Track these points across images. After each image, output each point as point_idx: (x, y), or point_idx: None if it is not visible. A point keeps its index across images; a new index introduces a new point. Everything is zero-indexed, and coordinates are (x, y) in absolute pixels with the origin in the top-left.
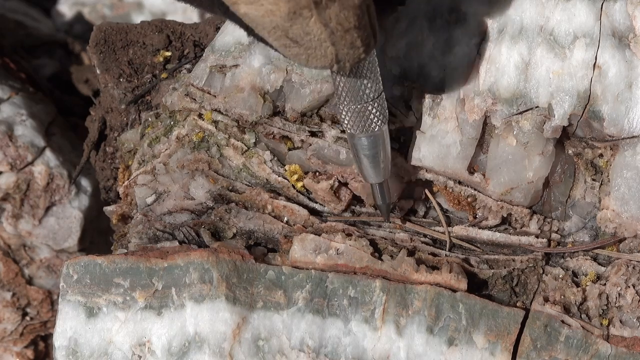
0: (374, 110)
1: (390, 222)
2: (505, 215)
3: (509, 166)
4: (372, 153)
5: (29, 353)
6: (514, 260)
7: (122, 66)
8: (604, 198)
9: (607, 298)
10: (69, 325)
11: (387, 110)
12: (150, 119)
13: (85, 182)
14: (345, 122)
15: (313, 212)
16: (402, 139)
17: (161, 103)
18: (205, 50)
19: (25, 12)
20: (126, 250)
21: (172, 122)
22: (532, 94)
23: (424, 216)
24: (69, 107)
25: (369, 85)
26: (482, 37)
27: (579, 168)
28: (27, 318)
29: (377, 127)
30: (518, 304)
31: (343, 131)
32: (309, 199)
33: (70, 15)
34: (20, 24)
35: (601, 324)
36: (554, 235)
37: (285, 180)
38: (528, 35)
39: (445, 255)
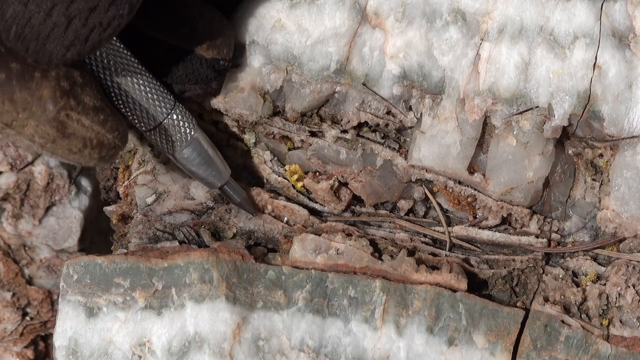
0: (177, 121)
1: (255, 215)
2: (505, 215)
3: (509, 166)
4: (200, 160)
5: (29, 353)
6: (514, 260)
7: None
8: (604, 198)
9: (607, 298)
10: (69, 325)
11: (191, 116)
12: None
13: (85, 182)
14: (161, 145)
15: (313, 212)
16: (402, 139)
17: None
18: None
19: None
20: (126, 250)
21: None
22: (532, 94)
23: (424, 216)
24: None
25: (159, 101)
26: (482, 37)
27: (579, 168)
28: (27, 318)
29: (189, 134)
30: (518, 304)
31: (343, 131)
32: (309, 199)
33: None
34: None
35: (601, 324)
36: (554, 235)
37: (285, 180)
38: (528, 35)
39: (445, 255)
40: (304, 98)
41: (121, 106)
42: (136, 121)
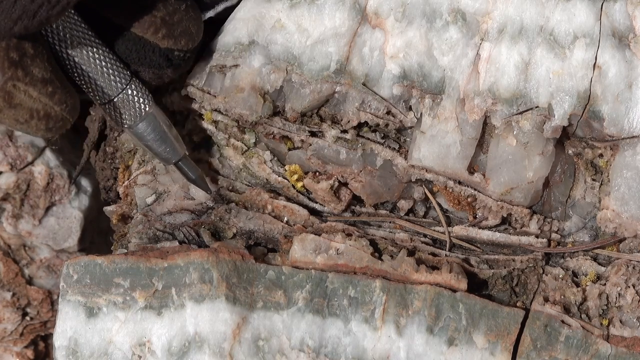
0: (132, 96)
1: (211, 193)
2: (505, 215)
3: (509, 166)
4: (155, 136)
5: (29, 353)
6: (514, 260)
7: None
8: (604, 198)
9: (607, 298)
10: (69, 325)
11: (147, 91)
12: None
13: (85, 182)
14: (116, 118)
15: (313, 212)
16: (402, 139)
17: (161, 103)
18: (205, 50)
19: None
20: (126, 250)
21: (171, 122)
22: (532, 94)
23: (424, 216)
24: None
25: (114, 76)
26: (482, 37)
27: (579, 168)
28: (27, 318)
29: (144, 109)
30: (518, 304)
31: (343, 131)
32: (309, 199)
33: None
34: None
35: (601, 324)
36: (554, 235)
37: (285, 180)
38: (528, 35)
39: (445, 255)
40: (304, 98)
41: (77, 79)
42: (92, 94)
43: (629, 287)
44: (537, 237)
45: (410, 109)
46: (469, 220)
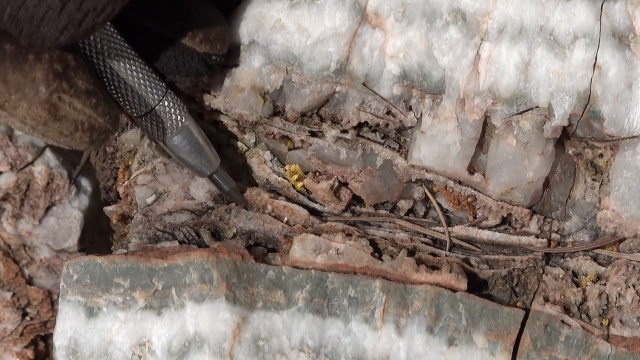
0: (168, 108)
1: (244, 204)
2: (505, 215)
3: (509, 166)
4: (191, 148)
5: (29, 353)
6: (514, 260)
7: None
8: (604, 198)
9: (607, 298)
10: (69, 325)
11: (182, 104)
12: None
13: (85, 182)
14: (152, 131)
15: (313, 212)
16: (402, 139)
17: None
18: None
19: None
20: (126, 250)
21: None
22: (532, 94)
23: (424, 216)
24: None
25: (151, 88)
26: (482, 37)
27: (579, 168)
28: (27, 318)
29: (180, 121)
30: (518, 304)
31: (343, 131)
32: (309, 199)
33: None
34: None
35: (601, 324)
36: (554, 235)
37: (285, 180)
38: (528, 35)
39: (445, 255)
40: (304, 98)
41: (113, 92)
42: (128, 107)
43: (629, 287)
44: (537, 237)
45: (410, 109)
46: (469, 220)
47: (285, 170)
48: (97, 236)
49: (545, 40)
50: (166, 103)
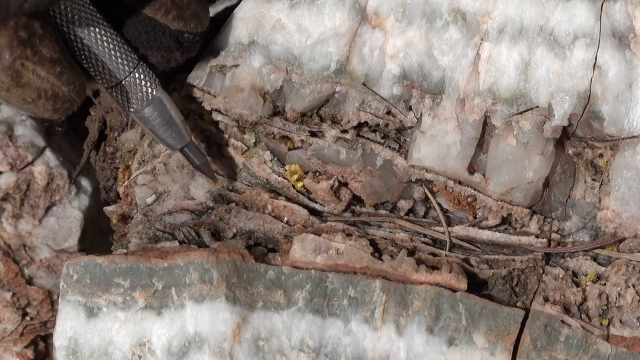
0: (139, 80)
1: (215, 180)
2: (505, 215)
3: (509, 166)
4: (161, 121)
5: (29, 353)
6: (514, 260)
7: None
8: (604, 198)
9: (607, 298)
10: (69, 325)
11: (154, 76)
12: None
13: (85, 182)
14: (123, 102)
15: (313, 212)
16: (402, 139)
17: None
18: (205, 50)
19: None
20: (126, 250)
21: None
22: (532, 94)
23: (424, 216)
24: None
25: (122, 59)
26: (482, 37)
27: (579, 168)
28: (27, 318)
29: (151, 94)
30: (518, 304)
31: (343, 131)
32: (309, 199)
33: None
34: None
35: (601, 324)
36: (554, 235)
37: (285, 180)
38: (528, 35)
39: (445, 255)
40: (304, 98)
41: (84, 61)
42: (98, 77)
43: (629, 287)
44: (537, 237)
45: (410, 109)
46: (469, 220)
47: (285, 170)
48: (97, 236)
49: (545, 40)
50: (137, 75)
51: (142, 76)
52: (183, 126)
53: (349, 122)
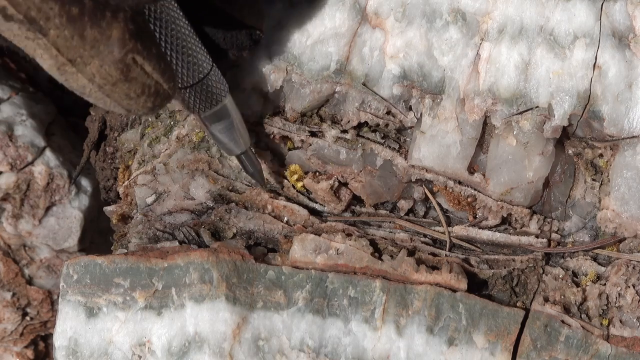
0: (212, 82)
1: (266, 188)
2: (505, 215)
3: (509, 166)
4: (224, 126)
5: (29, 353)
6: (514, 260)
7: None
8: (604, 198)
9: (607, 298)
10: (69, 325)
11: (225, 83)
12: (150, 119)
13: (85, 182)
14: (191, 103)
15: (313, 212)
16: (402, 139)
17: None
18: None
19: None
20: (126, 250)
21: (172, 122)
22: (532, 94)
23: (424, 216)
24: (69, 107)
25: (200, 61)
26: (482, 37)
27: (579, 168)
28: (27, 318)
29: (220, 98)
30: (518, 304)
31: (343, 131)
32: (309, 199)
33: None
34: None
35: (601, 324)
36: (554, 235)
37: (285, 180)
38: (528, 35)
39: (445, 255)
40: (304, 98)
41: None
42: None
43: (629, 287)
44: (537, 237)
45: (410, 109)
46: (469, 220)
47: (285, 170)
48: (97, 236)
49: (545, 40)
50: (212, 78)
51: (214, 80)
52: (244, 133)
53: (349, 122)
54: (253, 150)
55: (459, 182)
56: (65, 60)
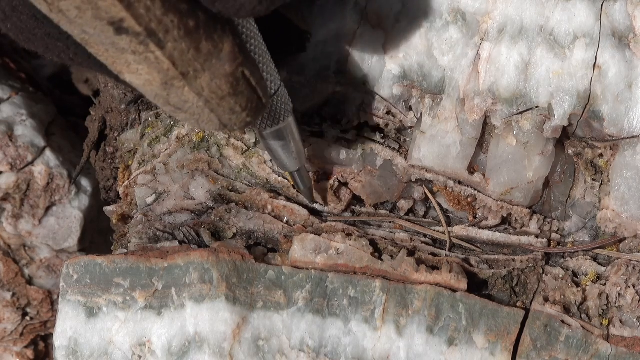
0: (277, 103)
1: (314, 204)
2: (505, 215)
3: (509, 166)
4: (283, 144)
5: (29, 353)
6: (514, 260)
7: None
8: (604, 198)
9: (607, 298)
10: (69, 325)
11: (290, 102)
12: (150, 119)
13: (85, 182)
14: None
15: (313, 212)
16: (402, 139)
17: None
18: None
19: None
20: (126, 250)
21: (172, 122)
22: (532, 94)
23: (424, 216)
24: (69, 107)
25: (271, 77)
26: (482, 37)
27: (579, 168)
28: (27, 318)
29: (284, 117)
30: (518, 304)
31: (343, 131)
32: None
33: None
34: None
35: (601, 324)
36: (554, 235)
37: (285, 180)
38: (528, 35)
39: (445, 255)
40: (304, 98)
41: None
42: None
43: (629, 287)
44: (537, 237)
45: (410, 109)
46: (469, 220)
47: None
48: (97, 236)
49: (545, 40)
50: (279, 96)
51: (281, 97)
52: (301, 151)
53: (349, 122)
54: (306, 167)
55: (459, 182)
56: (178, 74)
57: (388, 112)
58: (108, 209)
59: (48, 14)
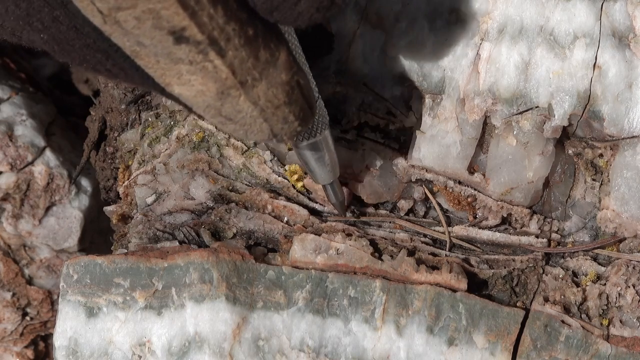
0: (318, 113)
1: (346, 217)
2: (505, 215)
3: (509, 166)
4: (318, 157)
5: (29, 353)
6: (514, 260)
7: None
8: (604, 198)
9: (607, 298)
10: (69, 325)
11: (327, 116)
12: (150, 119)
13: (85, 182)
14: None
15: (313, 212)
16: (402, 139)
17: (161, 103)
18: None
19: None
20: (126, 250)
21: (172, 122)
22: (532, 94)
23: (424, 216)
24: (69, 107)
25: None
26: (482, 37)
27: (579, 168)
28: (27, 318)
29: (319, 132)
30: (518, 304)
31: (343, 131)
32: (309, 199)
33: None
34: None
35: (601, 324)
36: (554, 235)
37: (285, 180)
38: (528, 35)
39: (445, 255)
40: None
41: None
42: None
43: (629, 287)
44: (537, 237)
45: (410, 109)
46: (469, 220)
47: (285, 170)
48: (97, 236)
49: (545, 40)
50: (318, 108)
51: (320, 110)
52: (335, 165)
53: (349, 122)
54: (339, 181)
55: (459, 182)
56: (236, 82)
57: (388, 112)
58: (108, 209)
59: (101, 25)
